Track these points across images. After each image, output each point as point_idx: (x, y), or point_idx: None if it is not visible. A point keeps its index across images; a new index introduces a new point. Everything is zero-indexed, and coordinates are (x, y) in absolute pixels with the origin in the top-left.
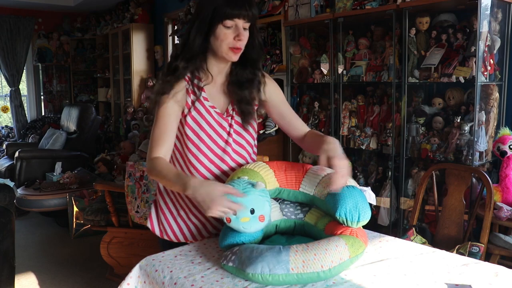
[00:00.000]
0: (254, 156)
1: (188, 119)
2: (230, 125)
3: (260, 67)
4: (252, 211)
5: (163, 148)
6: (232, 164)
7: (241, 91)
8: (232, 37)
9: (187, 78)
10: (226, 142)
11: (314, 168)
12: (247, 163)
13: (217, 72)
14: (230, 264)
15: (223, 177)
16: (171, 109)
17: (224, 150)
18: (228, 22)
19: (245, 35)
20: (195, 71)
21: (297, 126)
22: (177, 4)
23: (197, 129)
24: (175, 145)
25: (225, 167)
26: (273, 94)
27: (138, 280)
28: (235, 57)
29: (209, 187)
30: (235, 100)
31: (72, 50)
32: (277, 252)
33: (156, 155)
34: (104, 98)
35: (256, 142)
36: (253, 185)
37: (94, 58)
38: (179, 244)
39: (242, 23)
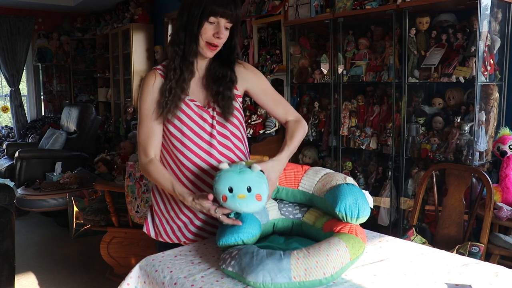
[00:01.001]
0: (244, 149)
1: (168, 114)
2: (212, 117)
3: (234, 68)
4: (249, 189)
5: (153, 148)
6: (220, 158)
7: (216, 86)
8: (212, 33)
9: (162, 74)
10: (211, 134)
11: (314, 168)
12: (236, 156)
13: (197, 67)
14: (230, 269)
15: (212, 172)
16: (151, 107)
17: (210, 144)
18: (212, 19)
19: (225, 34)
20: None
21: (278, 115)
22: (177, 4)
23: (178, 123)
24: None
25: (213, 162)
26: (253, 84)
27: (138, 280)
28: (210, 54)
29: (201, 206)
30: (211, 94)
31: (72, 50)
32: (278, 259)
33: (149, 158)
34: (104, 98)
35: (244, 134)
36: (249, 167)
37: (94, 58)
38: (174, 245)
39: (224, 22)
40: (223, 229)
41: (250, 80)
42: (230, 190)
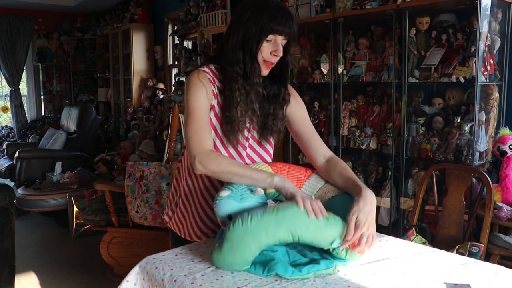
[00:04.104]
0: None
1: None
2: (247, 139)
3: (287, 86)
4: None
5: (209, 140)
6: None
7: (268, 106)
8: (269, 51)
9: (212, 80)
10: (239, 154)
11: (317, 173)
12: None
13: None
14: (216, 244)
15: None
16: (204, 102)
17: None
18: (270, 37)
19: (281, 51)
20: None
21: (314, 147)
22: (177, 4)
23: (212, 133)
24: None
25: None
26: (293, 110)
27: (138, 277)
28: (266, 72)
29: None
30: (260, 114)
31: (72, 50)
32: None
33: (210, 148)
34: (104, 98)
35: (271, 159)
36: (251, 190)
37: (94, 58)
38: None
39: (281, 39)
40: (221, 234)
41: (291, 106)
42: (230, 218)
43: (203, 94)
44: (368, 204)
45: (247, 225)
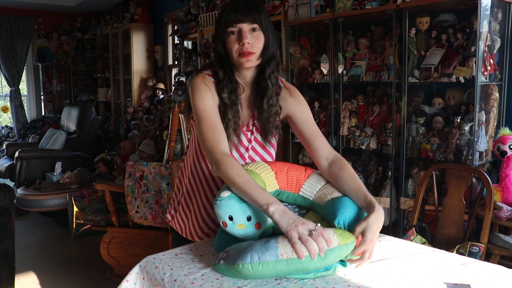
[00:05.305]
0: None
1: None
2: (249, 141)
3: (272, 77)
4: (249, 218)
5: (224, 141)
6: None
7: (261, 102)
8: (238, 43)
9: (214, 82)
10: (242, 156)
11: (317, 174)
12: None
13: (242, 83)
14: (221, 262)
15: None
16: (212, 103)
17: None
18: (230, 29)
19: (252, 37)
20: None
21: (316, 149)
22: (177, 4)
23: None
24: (192, 143)
25: None
26: (295, 110)
27: (137, 276)
28: (248, 63)
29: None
30: (256, 113)
31: (72, 50)
32: (266, 241)
33: (225, 149)
34: (104, 98)
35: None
36: None
37: (94, 58)
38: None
39: (246, 26)
40: (220, 236)
41: (292, 107)
42: (230, 218)
43: (210, 97)
44: (379, 221)
45: (257, 270)
